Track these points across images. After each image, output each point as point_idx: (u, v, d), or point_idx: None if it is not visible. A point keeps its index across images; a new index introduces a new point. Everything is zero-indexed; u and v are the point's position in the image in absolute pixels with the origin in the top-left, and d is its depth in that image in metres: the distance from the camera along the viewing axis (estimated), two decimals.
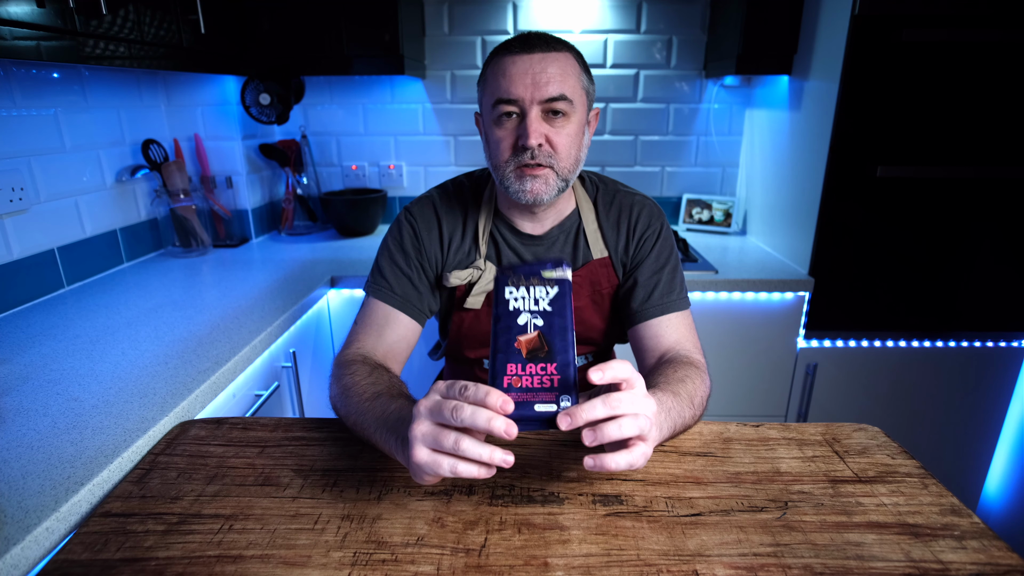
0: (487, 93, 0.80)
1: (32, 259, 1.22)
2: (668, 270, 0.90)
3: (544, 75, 0.76)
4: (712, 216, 1.98)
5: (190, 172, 1.68)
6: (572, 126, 0.80)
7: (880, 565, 0.53)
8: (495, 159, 0.81)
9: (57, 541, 0.59)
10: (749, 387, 1.62)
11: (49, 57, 0.97)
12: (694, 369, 0.77)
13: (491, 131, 0.81)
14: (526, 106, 0.77)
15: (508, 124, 0.79)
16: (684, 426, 0.70)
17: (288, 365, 1.23)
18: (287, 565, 0.53)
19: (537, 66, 0.76)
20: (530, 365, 0.56)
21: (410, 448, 0.54)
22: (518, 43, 0.78)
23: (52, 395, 0.83)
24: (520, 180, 0.80)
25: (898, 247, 1.47)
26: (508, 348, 0.57)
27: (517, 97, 0.76)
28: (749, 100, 1.94)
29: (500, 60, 0.79)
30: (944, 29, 1.29)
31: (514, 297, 0.58)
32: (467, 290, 0.91)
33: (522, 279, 0.59)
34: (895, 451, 0.72)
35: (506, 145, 0.79)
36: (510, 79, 0.76)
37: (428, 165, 2.02)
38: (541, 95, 0.76)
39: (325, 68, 1.64)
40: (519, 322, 0.58)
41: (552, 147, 0.79)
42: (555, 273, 0.60)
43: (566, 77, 0.78)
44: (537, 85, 0.76)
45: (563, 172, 0.81)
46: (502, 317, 0.58)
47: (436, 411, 0.53)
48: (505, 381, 0.56)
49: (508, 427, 0.51)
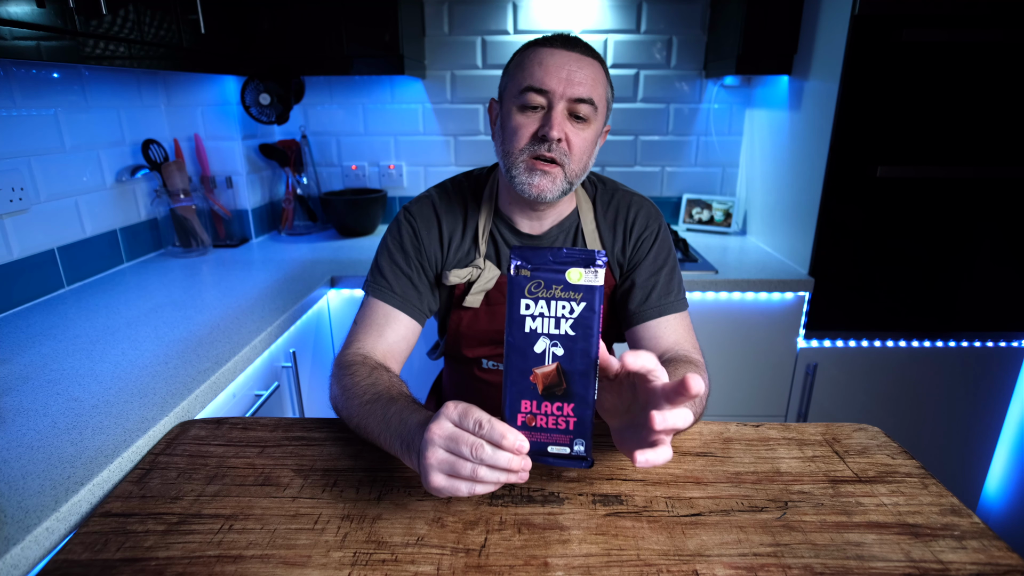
0: (517, 78, 0.80)
1: (32, 259, 1.22)
2: (666, 271, 0.90)
3: (579, 75, 0.77)
4: (712, 216, 1.98)
5: (190, 172, 1.68)
6: (590, 132, 0.81)
7: (880, 565, 0.53)
8: (509, 145, 0.81)
9: (57, 541, 0.59)
10: (749, 387, 1.62)
11: (49, 57, 0.97)
12: (694, 368, 0.77)
13: (511, 117, 0.80)
14: (555, 100, 0.77)
15: (532, 114, 0.79)
16: (687, 424, 0.70)
17: (288, 365, 1.23)
18: (287, 565, 0.53)
19: (574, 64, 0.77)
20: (545, 403, 0.52)
21: (426, 475, 0.53)
22: (559, 40, 0.80)
23: (52, 395, 0.83)
24: (529, 173, 0.80)
25: (898, 247, 1.47)
26: (522, 381, 0.51)
27: (550, 88, 0.77)
28: (749, 100, 1.94)
29: (538, 50, 0.79)
30: (944, 29, 1.29)
31: (531, 315, 0.49)
32: (466, 289, 0.91)
33: (542, 287, 0.49)
34: (895, 451, 0.72)
35: (525, 133, 0.79)
36: (546, 69, 0.77)
37: (428, 165, 2.02)
38: (572, 93, 0.77)
39: (325, 68, 1.64)
40: (536, 350, 0.50)
41: (568, 146, 0.79)
42: (584, 278, 0.49)
43: (596, 84, 0.79)
44: (571, 83, 0.77)
45: (571, 174, 0.81)
46: (516, 339, 0.50)
47: (452, 442, 0.52)
48: (519, 419, 0.53)
49: (524, 471, 0.52)
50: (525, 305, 0.49)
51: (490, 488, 0.53)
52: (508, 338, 0.50)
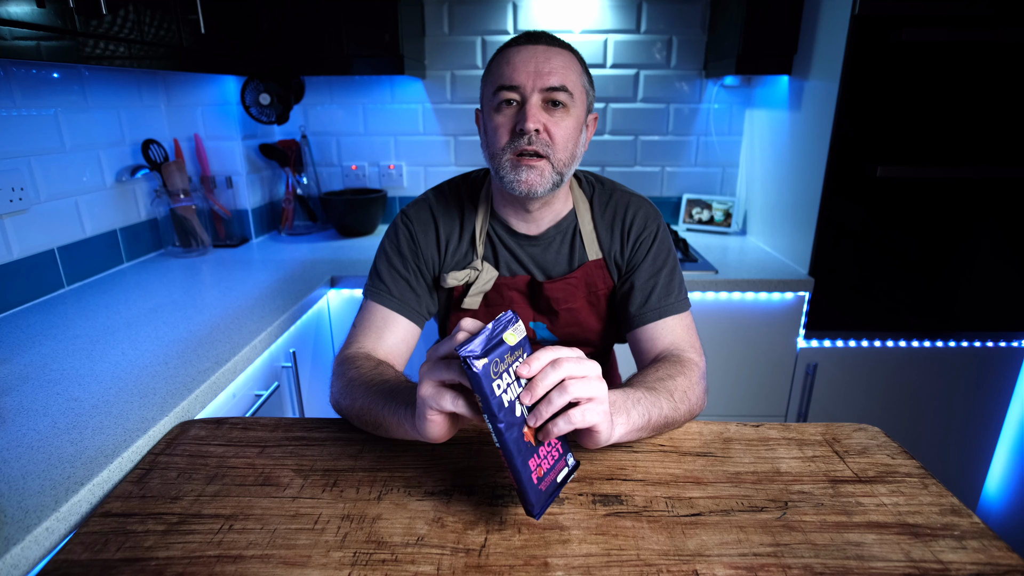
0: (489, 83, 0.81)
1: (32, 259, 1.22)
2: (665, 273, 0.89)
3: (547, 65, 0.77)
4: (712, 216, 1.98)
5: (190, 172, 1.68)
6: (570, 120, 0.80)
7: (880, 565, 0.53)
8: (492, 147, 0.82)
9: (57, 541, 0.59)
10: (749, 387, 1.62)
11: (49, 57, 0.97)
12: (679, 365, 0.77)
13: (490, 119, 0.81)
14: (527, 93, 0.77)
15: (507, 111, 0.79)
16: (665, 417, 0.70)
17: (288, 365, 1.23)
18: (287, 565, 0.53)
19: (541, 56, 0.78)
20: (541, 448, 0.56)
21: (420, 408, 0.57)
22: (524, 37, 0.81)
23: (52, 395, 0.83)
24: (516, 170, 0.80)
25: (898, 247, 1.47)
26: (521, 446, 0.53)
27: (519, 84, 0.77)
28: (749, 100, 1.94)
29: (505, 52, 0.81)
30: (944, 29, 1.29)
31: (502, 390, 0.52)
32: (464, 290, 0.91)
33: (498, 363, 0.52)
34: (895, 451, 0.72)
35: (504, 131, 0.80)
36: (513, 67, 0.78)
37: (428, 165, 2.02)
38: (543, 83, 0.77)
39: (325, 68, 1.64)
40: (517, 415, 0.53)
41: (550, 136, 0.79)
42: (515, 333, 0.54)
43: (568, 71, 0.79)
44: (540, 74, 0.77)
45: (558, 165, 0.80)
46: (504, 417, 0.52)
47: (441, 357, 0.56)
48: (534, 478, 0.54)
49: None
50: (496, 387, 0.52)
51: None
52: (498, 424, 0.52)
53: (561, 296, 0.90)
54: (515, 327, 0.55)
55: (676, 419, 0.72)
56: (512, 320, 0.55)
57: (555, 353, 0.55)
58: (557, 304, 0.90)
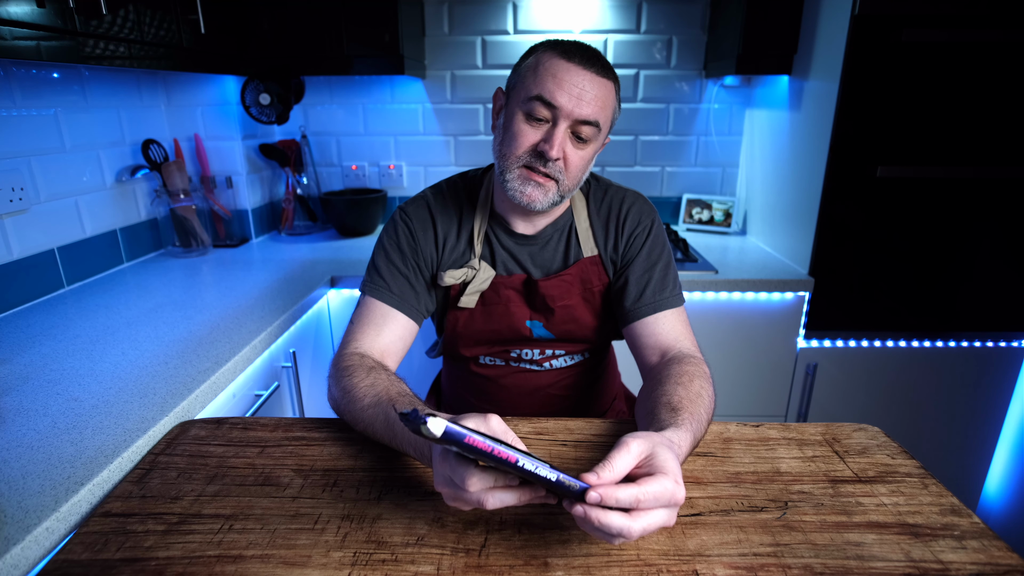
0: (529, 84, 0.78)
1: (32, 259, 1.22)
2: (660, 267, 0.89)
3: (589, 95, 0.77)
4: (712, 216, 1.98)
5: (190, 172, 1.68)
6: (589, 151, 0.82)
7: (880, 565, 0.53)
8: (507, 148, 0.81)
9: (57, 541, 0.59)
10: (749, 387, 1.62)
11: (49, 57, 0.97)
12: (705, 380, 0.75)
13: (515, 121, 0.80)
14: (560, 117, 0.77)
15: (536, 125, 0.79)
16: (701, 437, 0.69)
17: (288, 365, 1.23)
18: (287, 565, 0.53)
19: (588, 84, 0.77)
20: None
21: (437, 484, 0.53)
22: (579, 53, 0.78)
23: (52, 395, 0.83)
24: (523, 182, 0.81)
25: (898, 247, 1.47)
26: (538, 463, 0.48)
27: (559, 105, 0.76)
28: (749, 100, 1.94)
29: (556, 61, 0.77)
30: (944, 30, 1.29)
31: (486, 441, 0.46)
32: (461, 289, 0.91)
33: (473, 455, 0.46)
34: (895, 451, 0.72)
35: (525, 142, 0.79)
36: (559, 83, 0.76)
37: (428, 165, 2.02)
38: (579, 114, 0.77)
39: (325, 68, 1.64)
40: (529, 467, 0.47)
41: (565, 164, 0.80)
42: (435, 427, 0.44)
43: (605, 106, 0.79)
44: (580, 102, 0.76)
45: (564, 189, 0.82)
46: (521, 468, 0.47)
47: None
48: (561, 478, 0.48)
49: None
50: (479, 438, 0.46)
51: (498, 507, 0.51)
52: (516, 465, 0.47)
53: (556, 293, 0.91)
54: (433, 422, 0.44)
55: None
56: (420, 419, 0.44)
57: (636, 496, 0.47)
58: (552, 301, 0.91)
